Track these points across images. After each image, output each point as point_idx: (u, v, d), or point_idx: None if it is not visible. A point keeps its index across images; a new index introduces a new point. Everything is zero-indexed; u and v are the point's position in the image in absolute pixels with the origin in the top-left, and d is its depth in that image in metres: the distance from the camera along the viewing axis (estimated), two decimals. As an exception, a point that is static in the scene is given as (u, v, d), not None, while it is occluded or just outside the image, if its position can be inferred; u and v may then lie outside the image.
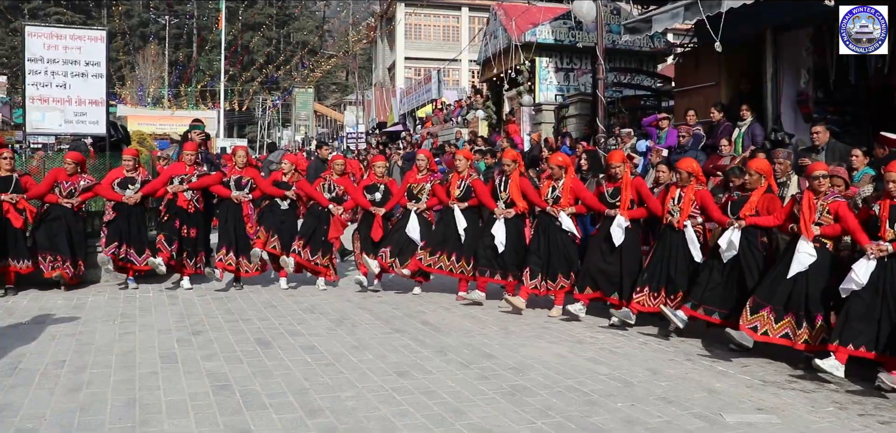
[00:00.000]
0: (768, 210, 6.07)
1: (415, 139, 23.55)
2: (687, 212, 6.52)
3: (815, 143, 8.10)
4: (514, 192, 7.67)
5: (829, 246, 5.62)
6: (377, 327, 6.68)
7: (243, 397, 4.60)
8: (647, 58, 17.75)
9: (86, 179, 8.48)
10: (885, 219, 5.22)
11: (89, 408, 4.37)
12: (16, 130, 20.91)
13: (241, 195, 8.45)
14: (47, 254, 8.09)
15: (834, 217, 5.56)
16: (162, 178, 8.58)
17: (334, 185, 8.65)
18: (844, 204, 5.61)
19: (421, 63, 42.44)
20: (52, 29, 9.82)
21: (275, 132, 56.20)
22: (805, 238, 5.55)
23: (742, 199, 6.24)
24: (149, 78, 50.33)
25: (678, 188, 6.66)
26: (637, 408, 4.56)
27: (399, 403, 4.55)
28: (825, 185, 5.67)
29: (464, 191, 8.09)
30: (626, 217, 6.93)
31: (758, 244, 6.10)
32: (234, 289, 8.36)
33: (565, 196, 7.38)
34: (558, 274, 7.32)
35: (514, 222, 7.69)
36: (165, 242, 8.18)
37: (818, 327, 5.49)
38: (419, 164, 8.61)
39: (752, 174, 6.25)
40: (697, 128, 10.19)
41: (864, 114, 10.02)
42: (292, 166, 8.74)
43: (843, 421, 4.47)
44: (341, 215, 8.55)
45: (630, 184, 7.04)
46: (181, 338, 6.11)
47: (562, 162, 7.62)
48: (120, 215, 8.28)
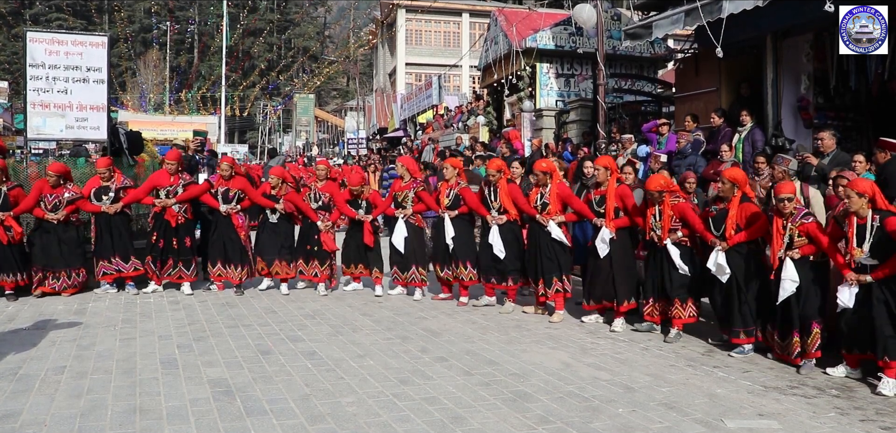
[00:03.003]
0: (748, 222, 6.13)
1: (415, 144, 23.58)
2: (667, 227, 6.59)
3: (821, 150, 8.10)
4: (505, 200, 7.72)
5: (812, 257, 5.76)
6: (378, 333, 6.68)
7: (244, 403, 4.60)
8: (647, 63, 17.75)
9: (70, 191, 8.32)
10: (852, 237, 5.32)
11: (90, 415, 4.37)
12: (17, 136, 20.90)
13: (230, 208, 8.41)
14: (42, 270, 8.08)
15: (807, 237, 5.69)
16: (145, 186, 8.49)
17: (320, 194, 8.68)
18: (814, 224, 5.72)
19: (422, 69, 42.47)
20: (54, 34, 9.84)
21: (276, 138, 56.25)
22: (787, 263, 5.65)
23: (721, 212, 6.30)
24: (150, 83, 50.40)
25: (655, 205, 6.69)
26: (638, 413, 4.56)
27: (400, 409, 4.55)
28: (789, 208, 5.74)
29: (452, 199, 8.14)
30: (611, 228, 6.96)
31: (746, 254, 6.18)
32: (235, 295, 8.35)
33: (553, 202, 7.41)
34: (553, 278, 7.35)
35: (509, 228, 7.72)
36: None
37: (814, 334, 5.66)
38: (400, 172, 8.65)
39: (725, 183, 6.31)
40: (698, 133, 10.19)
41: (865, 119, 10.03)
42: (279, 179, 8.67)
43: (845, 427, 4.46)
44: (328, 229, 8.53)
45: (615, 193, 7.05)
46: (182, 345, 6.11)
47: (546, 168, 7.60)
48: (102, 229, 8.25)
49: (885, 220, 5.16)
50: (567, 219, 7.46)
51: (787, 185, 5.97)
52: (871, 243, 5.23)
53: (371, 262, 8.60)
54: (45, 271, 8.10)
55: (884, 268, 5.16)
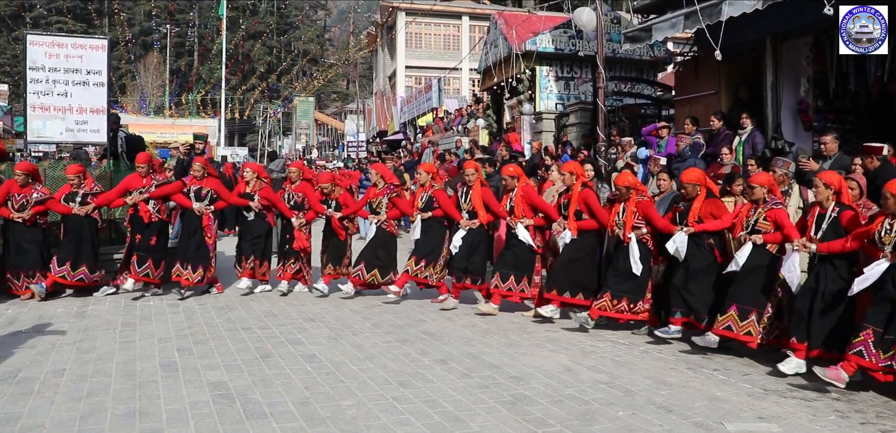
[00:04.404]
0: (712, 215, 6.46)
1: (415, 147, 23.60)
2: (630, 224, 6.82)
3: (823, 153, 8.10)
4: (476, 202, 7.92)
5: (771, 248, 6.01)
6: (378, 336, 6.68)
7: (244, 406, 4.60)
8: (647, 66, 17.77)
9: (38, 192, 8.23)
10: (812, 225, 5.62)
11: (90, 417, 4.36)
12: (17, 139, 20.92)
13: (202, 207, 8.45)
14: (18, 271, 8.06)
15: (773, 225, 5.96)
16: (117, 189, 8.48)
17: (293, 194, 8.78)
18: (783, 211, 6.00)
19: (421, 72, 42.52)
20: (54, 37, 9.85)
21: (275, 141, 56.27)
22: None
23: (687, 207, 6.62)
24: (150, 86, 50.41)
25: (621, 202, 6.98)
26: (637, 416, 4.56)
27: (400, 412, 4.54)
28: (760, 194, 6.07)
29: (425, 202, 8.24)
30: (572, 230, 7.21)
31: (704, 245, 6.45)
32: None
33: (517, 206, 7.65)
34: (523, 277, 7.61)
35: (478, 230, 7.95)
36: None
37: (766, 320, 5.94)
38: (374, 180, 8.75)
39: (685, 187, 6.69)
40: (698, 136, 10.20)
41: (865, 122, 10.03)
42: (255, 174, 8.79)
43: (845, 430, 4.45)
44: (301, 227, 8.62)
45: (578, 196, 7.27)
46: (182, 347, 6.11)
47: (512, 172, 7.89)
48: (70, 233, 8.22)
49: (842, 212, 5.50)
50: (536, 223, 7.68)
51: (760, 176, 6.32)
52: (823, 230, 5.51)
53: (329, 258, 8.68)
54: (18, 272, 8.07)
55: (829, 245, 5.42)
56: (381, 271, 8.39)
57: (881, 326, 4.91)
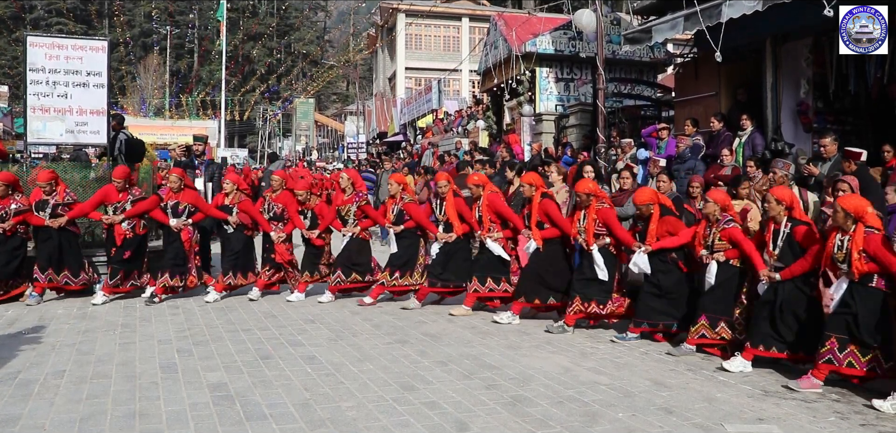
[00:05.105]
0: (669, 232, 6.59)
1: (415, 149, 23.60)
2: (591, 232, 6.89)
3: (823, 155, 8.10)
4: (450, 213, 7.90)
5: (735, 262, 6.15)
6: (378, 338, 6.68)
7: (244, 408, 4.60)
8: (647, 68, 17.77)
9: (17, 202, 8.08)
10: (769, 241, 5.80)
11: (90, 419, 4.37)
12: (17, 140, 20.92)
13: (180, 223, 8.28)
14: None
15: (729, 242, 6.11)
16: (92, 201, 8.27)
17: (273, 204, 8.62)
18: (738, 229, 6.13)
19: (421, 73, 42.57)
20: (54, 39, 9.87)
21: (275, 142, 56.28)
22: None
23: (644, 227, 6.77)
24: (150, 88, 50.40)
25: (582, 209, 7.03)
26: (637, 418, 4.56)
27: (400, 414, 4.54)
28: (711, 209, 6.21)
29: (396, 215, 8.23)
30: (536, 240, 7.24)
31: (668, 260, 6.60)
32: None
33: (484, 214, 7.70)
34: (500, 279, 7.63)
35: (454, 241, 7.95)
36: None
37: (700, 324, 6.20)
38: (343, 185, 8.64)
39: (639, 208, 6.76)
40: (698, 138, 10.20)
41: (864, 123, 10.04)
42: (234, 186, 8.59)
43: (845, 431, 4.45)
44: (281, 241, 8.49)
45: (538, 207, 7.30)
46: (182, 349, 6.11)
47: (477, 181, 7.91)
48: (42, 242, 8.10)
49: (795, 228, 5.68)
50: (505, 235, 7.71)
51: (715, 192, 6.45)
52: (780, 248, 5.71)
53: (305, 265, 8.62)
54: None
55: (790, 269, 5.61)
56: (360, 274, 8.43)
57: (844, 333, 5.16)
